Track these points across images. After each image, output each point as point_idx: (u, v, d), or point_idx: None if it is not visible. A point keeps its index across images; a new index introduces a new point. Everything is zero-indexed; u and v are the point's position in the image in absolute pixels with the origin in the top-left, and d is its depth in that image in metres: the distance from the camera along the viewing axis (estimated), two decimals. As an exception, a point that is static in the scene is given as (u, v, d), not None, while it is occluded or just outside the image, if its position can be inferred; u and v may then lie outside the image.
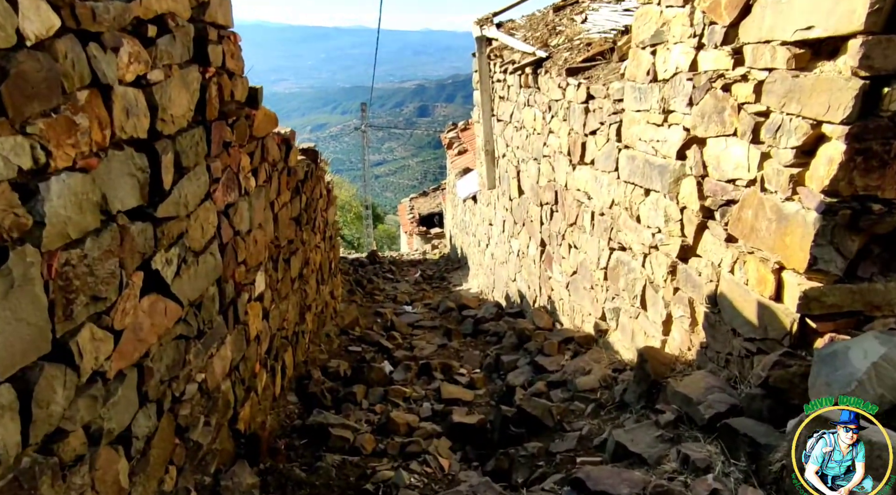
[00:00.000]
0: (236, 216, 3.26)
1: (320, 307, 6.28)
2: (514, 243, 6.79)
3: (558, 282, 5.24)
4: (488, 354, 5.66)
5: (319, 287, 6.24)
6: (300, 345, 5.17)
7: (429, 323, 7.51)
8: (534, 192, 5.77)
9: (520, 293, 6.64)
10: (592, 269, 4.33)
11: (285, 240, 4.60)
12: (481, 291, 9.17)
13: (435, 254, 16.68)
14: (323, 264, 6.50)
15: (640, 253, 3.55)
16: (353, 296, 9.21)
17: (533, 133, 5.70)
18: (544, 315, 5.37)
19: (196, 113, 2.68)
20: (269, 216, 4.08)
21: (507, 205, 6.91)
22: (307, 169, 5.31)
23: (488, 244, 8.55)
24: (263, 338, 3.91)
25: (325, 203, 6.66)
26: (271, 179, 4.10)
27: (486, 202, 8.46)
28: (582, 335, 4.39)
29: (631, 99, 3.51)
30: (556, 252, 5.24)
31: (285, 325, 4.60)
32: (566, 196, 4.82)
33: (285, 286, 4.63)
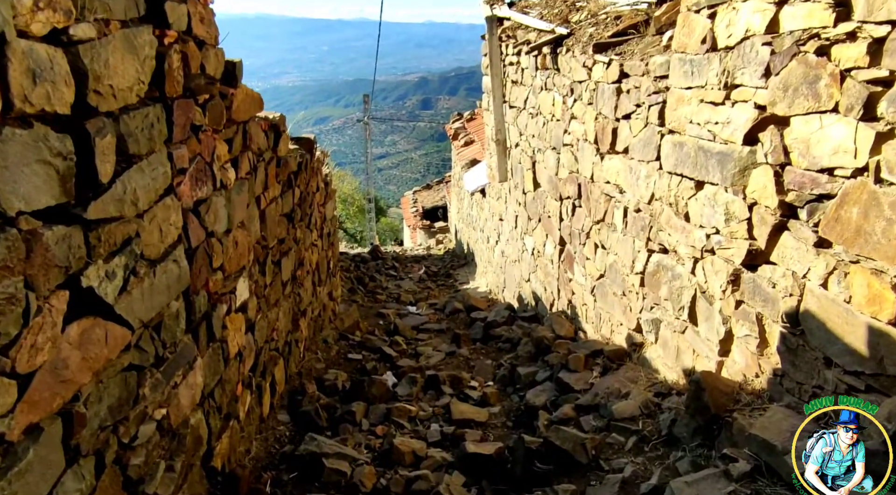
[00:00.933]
0: (210, 214, 2.73)
1: (317, 310, 5.76)
2: (527, 241, 6.25)
3: (581, 285, 4.70)
4: (502, 364, 5.14)
5: (316, 289, 5.71)
6: (293, 356, 4.66)
7: (435, 326, 6.98)
8: (552, 185, 5.23)
9: (534, 295, 6.10)
10: (625, 274, 3.79)
11: (275, 240, 4.07)
12: (490, 291, 8.64)
13: (439, 249, 16.13)
14: (320, 264, 5.98)
15: (688, 257, 3.01)
16: (353, 296, 8.68)
17: (551, 119, 5.15)
18: (565, 322, 4.83)
19: (152, 87, 2.14)
20: (253, 213, 3.55)
21: (521, 199, 6.36)
22: (301, 160, 4.77)
23: (498, 240, 8.01)
24: (247, 355, 3.39)
25: (322, 197, 6.13)
26: (256, 171, 3.57)
27: (496, 196, 7.91)
28: (612, 348, 3.85)
29: (679, 74, 2.95)
30: (578, 252, 4.70)
31: (275, 336, 4.08)
32: (592, 189, 4.28)
33: (275, 291, 4.10)
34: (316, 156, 6.03)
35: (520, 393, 4.45)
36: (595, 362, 3.91)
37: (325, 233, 6.24)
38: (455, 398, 4.45)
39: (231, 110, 3.00)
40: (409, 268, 12.46)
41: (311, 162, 5.21)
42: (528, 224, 6.14)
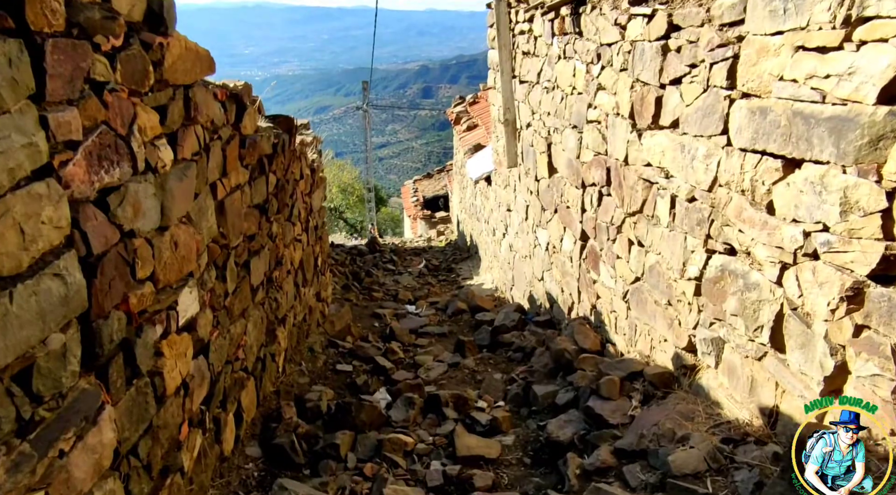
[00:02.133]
0: (126, 207, 1.99)
1: (301, 315, 5.03)
2: (541, 234, 5.50)
3: (609, 289, 3.96)
4: (514, 379, 4.42)
5: (300, 290, 4.99)
6: (269, 373, 3.93)
7: (436, 329, 6.26)
8: (572, 171, 4.47)
9: (549, 296, 5.37)
10: (671, 278, 3.05)
11: (240, 237, 3.33)
12: (496, 288, 7.91)
13: (440, 240, 15.38)
14: (305, 261, 5.24)
15: (770, 261, 2.26)
16: (347, 294, 7.95)
17: (571, 93, 4.39)
18: (589, 332, 4.09)
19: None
20: (206, 205, 2.81)
21: (533, 186, 5.61)
22: (276, 141, 4.02)
23: (505, 233, 7.26)
24: (197, 385, 2.66)
25: (307, 185, 5.38)
26: (209, 151, 2.82)
27: (504, 184, 7.15)
28: (656, 371, 3.12)
29: (762, 16, 2.20)
30: (605, 249, 3.96)
31: (242, 354, 3.35)
32: (625, 174, 3.53)
33: (242, 300, 3.37)
34: (299, 138, 5.28)
35: (537, 418, 3.74)
36: (633, 387, 3.18)
37: (311, 226, 5.50)
38: (460, 424, 3.73)
39: (162, 68, 2.25)
40: (408, 261, 11.72)
41: (290, 144, 4.46)
42: (542, 215, 5.39)
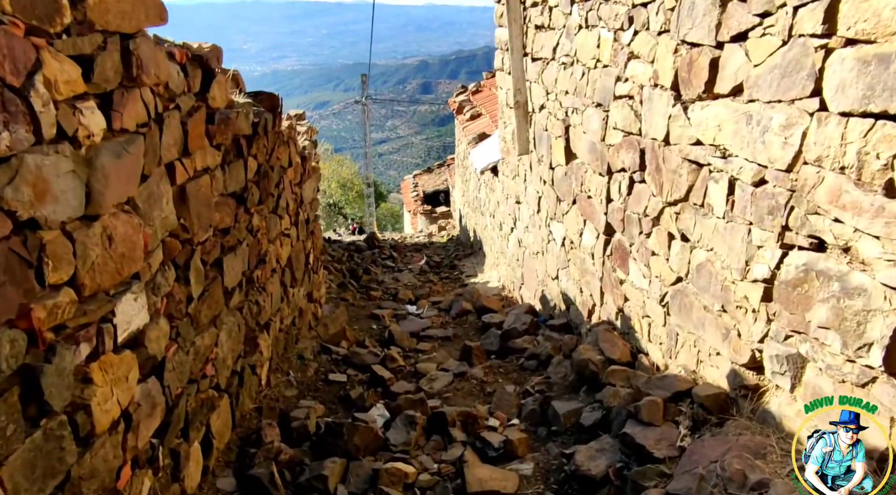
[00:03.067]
0: (21, 187, 1.46)
1: (289, 319, 4.50)
2: (555, 228, 4.95)
3: (642, 290, 3.42)
4: (529, 392, 3.89)
5: (288, 291, 4.45)
6: (247, 388, 3.40)
7: (439, 332, 5.73)
8: (595, 155, 3.93)
9: (565, 297, 4.83)
10: (728, 279, 2.51)
11: (209, 231, 2.80)
12: (504, 286, 7.37)
13: (442, 236, 14.83)
14: (295, 258, 4.70)
15: (885, 259, 1.72)
16: (343, 293, 7.41)
17: (595, 67, 3.84)
18: (617, 340, 3.55)
19: None
20: (160, 190, 2.27)
21: (547, 175, 5.06)
22: (257, 119, 3.47)
23: (514, 227, 6.72)
24: (146, 415, 2.13)
25: (297, 174, 4.84)
26: (163, 124, 2.28)
27: (512, 174, 6.60)
28: (708, 391, 2.57)
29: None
30: (637, 244, 3.42)
31: (211, 370, 2.81)
32: (666, 156, 2.98)
33: (211, 305, 2.83)
34: (287, 121, 4.73)
35: (558, 441, 3.21)
36: (678, 410, 2.64)
37: (300, 219, 4.96)
38: (469, 448, 3.20)
39: (85, 3, 1.70)
40: (408, 258, 11.17)
41: (275, 125, 3.91)
42: (557, 207, 4.85)
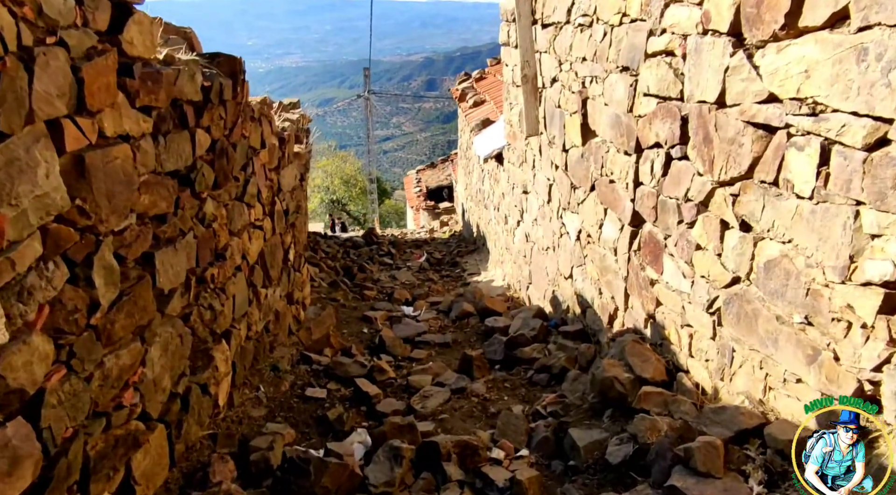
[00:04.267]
0: None
1: (261, 324, 3.87)
2: (569, 220, 4.30)
3: (681, 293, 2.76)
4: (540, 413, 3.25)
5: (258, 293, 3.82)
6: (195, 413, 2.77)
7: (437, 337, 5.09)
8: (620, 130, 3.27)
9: (580, 299, 4.17)
10: (818, 281, 1.85)
11: (128, 217, 2.16)
12: (509, 286, 6.71)
13: (444, 232, 14.18)
14: (269, 254, 4.07)
15: None
16: (334, 292, 6.77)
17: (620, 23, 3.18)
18: (648, 353, 2.90)
19: None
20: (33, 156, 1.63)
21: (559, 159, 4.40)
22: (209, 84, 2.83)
23: (520, 220, 6.06)
24: (3, 474, 1.49)
25: (272, 158, 4.20)
26: (33, 62, 1.63)
27: (518, 160, 5.94)
28: (790, 435, 1.92)
29: None
30: (676, 236, 2.76)
31: (128, 398, 2.18)
32: (720, 122, 2.33)
33: (133, 313, 2.19)
34: (261, 98, 4.09)
35: (578, 481, 2.57)
36: (745, 455, 1.98)
37: (277, 210, 4.32)
38: (468, 490, 2.56)
39: None
40: (408, 254, 10.53)
41: (236, 95, 3.26)
42: (572, 195, 4.19)
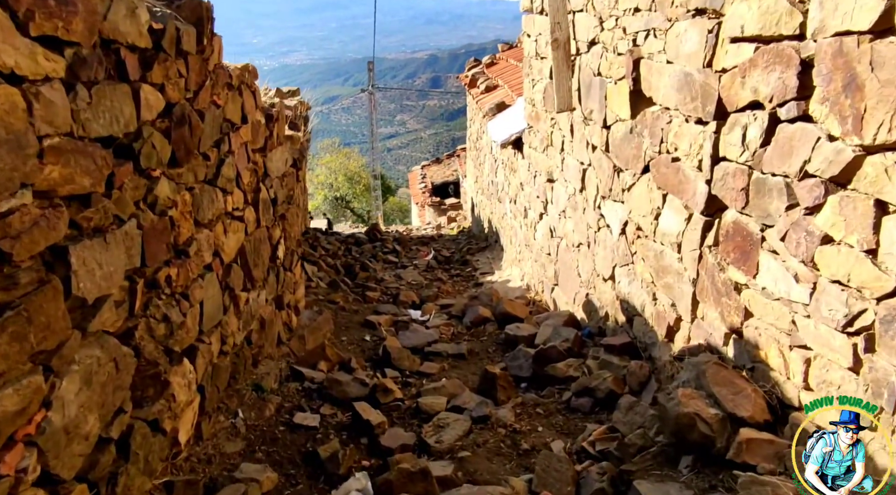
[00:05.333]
0: None
1: (241, 335, 3.18)
2: (610, 210, 3.59)
3: (790, 303, 2.06)
4: (587, 453, 2.55)
5: (238, 296, 3.13)
6: (140, 460, 2.08)
7: (450, 347, 4.39)
8: (691, 92, 2.57)
9: (625, 306, 3.46)
10: None
11: (20, 194, 1.46)
12: (528, 287, 6.01)
13: (452, 228, 13.47)
14: (252, 251, 3.39)
15: None
16: (333, 294, 6.08)
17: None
18: (742, 385, 2.18)
19: None
20: None
21: (598, 138, 3.70)
22: (161, 26, 2.14)
23: (543, 213, 5.35)
24: None
25: (257, 137, 3.52)
26: None
27: (542, 145, 5.23)
28: None
29: None
30: (782, 225, 2.06)
31: (12, 461, 1.47)
32: (878, 57, 1.64)
33: (22, 337, 1.50)
34: (243, 65, 3.39)
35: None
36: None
37: (262, 198, 3.63)
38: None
39: None
40: (413, 251, 9.82)
41: (201, 46, 2.57)
42: (614, 181, 3.48)
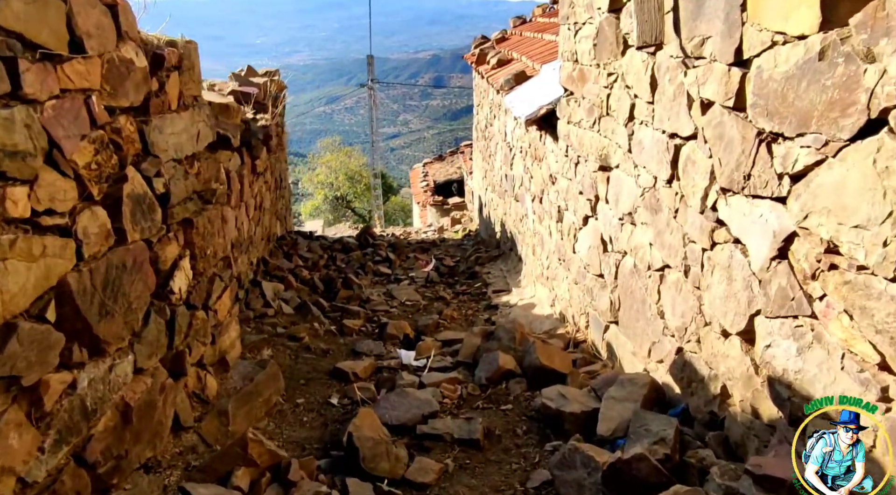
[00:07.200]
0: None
1: (61, 453, 1.59)
2: (743, 214, 2.02)
3: None
4: None
5: (46, 383, 1.53)
6: None
7: (456, 427, 2.83)
8: None
9: (786, 392, 1.86)
10: None
11: None
12: (562, 316, 4.40)
13: (456, 230, 11.84)
14: (100, 288, 1.79)
15: None
16: (298, 325, 4.51)
17: None
18: None
19: None
20: None
21: (719, 87, 2.13)
22: None
23: (590, 215, 3.77)
24: None
25: (119, 82, 1.94)
26: None
27: (591, 117, 3.64)
28: None
29: None
30: None
31: None
32: None
33: None
34: None
35: None
36: None
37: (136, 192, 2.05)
38: None
39: None
40: (411, 260, 8.21)
41: None
42: (757, 161, 1.89)
